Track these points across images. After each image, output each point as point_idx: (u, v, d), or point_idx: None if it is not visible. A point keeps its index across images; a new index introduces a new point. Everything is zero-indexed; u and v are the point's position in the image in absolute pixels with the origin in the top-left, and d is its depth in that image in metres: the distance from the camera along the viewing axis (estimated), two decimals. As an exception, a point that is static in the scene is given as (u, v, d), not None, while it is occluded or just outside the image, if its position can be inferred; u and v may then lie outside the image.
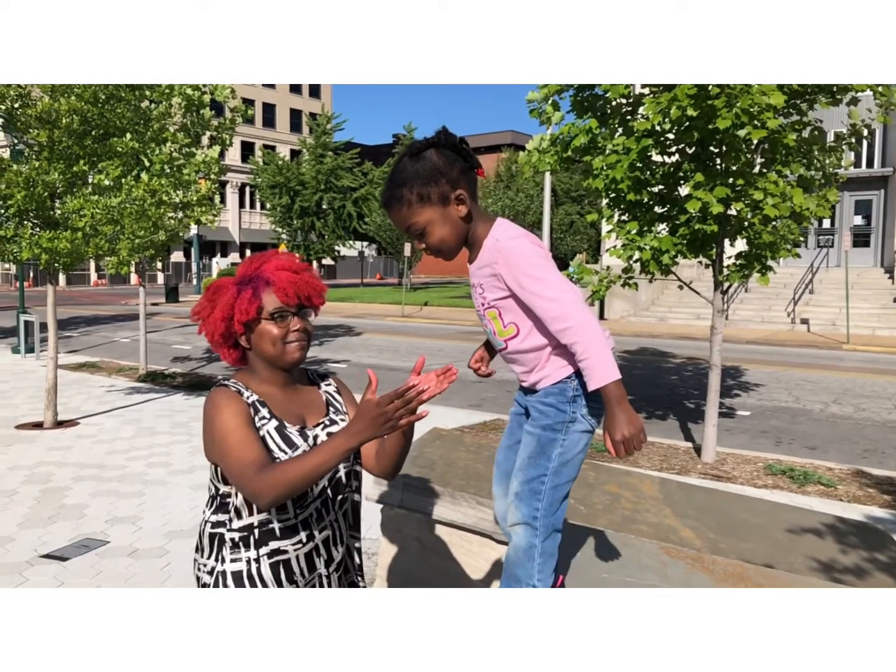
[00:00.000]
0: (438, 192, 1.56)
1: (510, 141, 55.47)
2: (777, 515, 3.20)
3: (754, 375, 11.53)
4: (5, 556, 4.16)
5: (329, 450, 1.42)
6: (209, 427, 1.58)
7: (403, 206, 1.57)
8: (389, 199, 1.59)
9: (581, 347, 1.55)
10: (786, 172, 5.58)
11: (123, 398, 9.11)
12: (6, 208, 6.93)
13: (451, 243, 1.62)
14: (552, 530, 1.73)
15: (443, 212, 1.57)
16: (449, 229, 1.59)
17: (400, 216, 1.59)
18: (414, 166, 1.56)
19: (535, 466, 1.70)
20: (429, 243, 1.61)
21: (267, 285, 1.63)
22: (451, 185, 1.57)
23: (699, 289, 6.79)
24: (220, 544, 1.61)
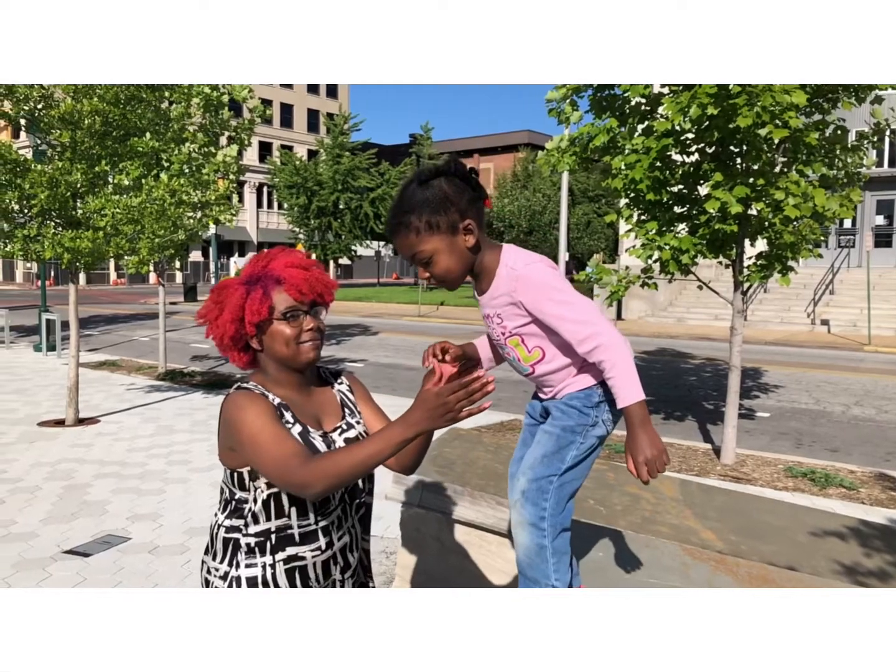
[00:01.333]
0: (447, 221, 1.55)
1: (527, 140, 55.35)
2: (799, 518, 3.17)
3: (774, 377, 11.43)
4: (29, 551, 4.22)
5: (384, 440, 1.37)
6: (235, 430, 1.51)
7: (411, 233, 1.55)
8: (397, 225, 1.57)
9: (609, 365, 1.56)
10: (807, 172, 5.53)
11: (143, 396, 9.19)
12: (30, 208, 7.02)
13: (456, 273, 1.61)
14: (560, 529, 1.71)
15: (450, 241, 1.57)
16: (456, 259, 1.59)
17: (406, 243, 1.57)
18: (423, 194, 1.55)
19: (548, 466, 1.69)
20: (434, 272, 1.59)
21: (277, 284, 1.58)
22: (459, 214, 1.56)
23: (718, 289, 6.74)
24: (235, 549, 1.57)
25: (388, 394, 9.28)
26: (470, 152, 59.97)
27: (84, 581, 3.82)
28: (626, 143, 5.81)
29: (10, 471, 5.82)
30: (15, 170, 6.80)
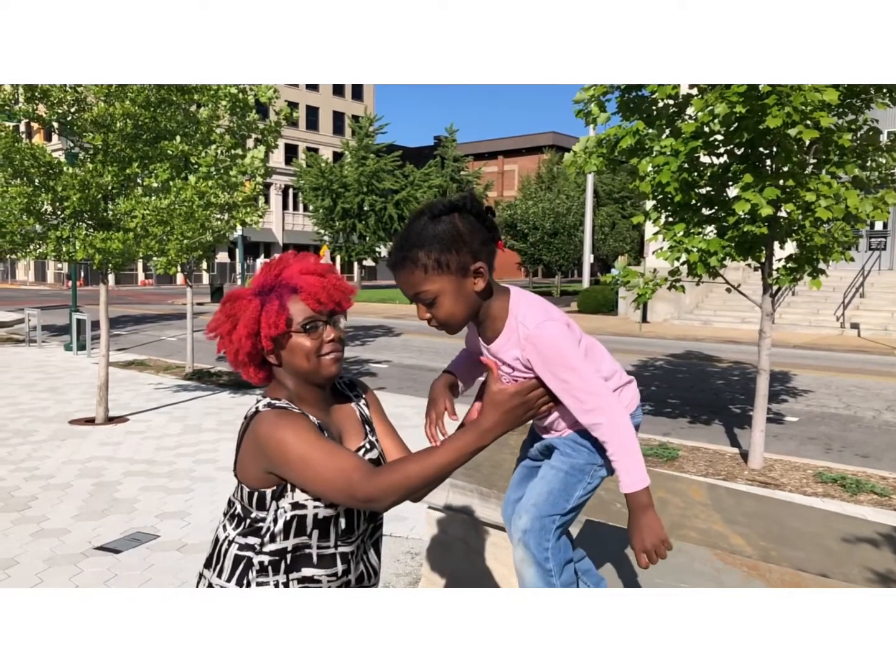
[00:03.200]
0: (458, 262, 1.42)
1: (551, 142, 55.20)
2: (830, 524, 3.12)
3: (802, 380, 11.27)
4: (61, 547, 4.29)
5: (456, 449, 1.30)
6: (279, 452, 1.39)
7: (417, 269, 1.42)
8: (402, 259, 1.43)
9: (613, 446, 1.47)
10: (840, 174, 5.44)
11: (171, 395, 9.31)
12: (63, 210, 7.15)
13: (460, 318, 1.48)
14: (564, 563, 1.63)
15: (459, 283, 1.43)
16: (462, 303, 1.45)
17: (411, 280, 1.43)
18: (434, 229, 1.41)
19: (553, 504, 1.59)
20: (437, 314, 1.45)
21: (293, 293, 1.48)
22: (472, 255, 1.43)
23: (746, 292, 6.67)
24: (247, 568, 1.47)
25: (412, 395, 9.30)
26: (494, 154, 59.94)
27: (115, 577, 3.88)
28: (654, 145, 5.77)
29: (42, 467, 5.93)
30: (49, 172, 6.94)
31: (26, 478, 5.64)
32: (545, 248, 33.13)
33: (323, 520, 1.47)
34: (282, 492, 1.45)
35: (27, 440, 6.85)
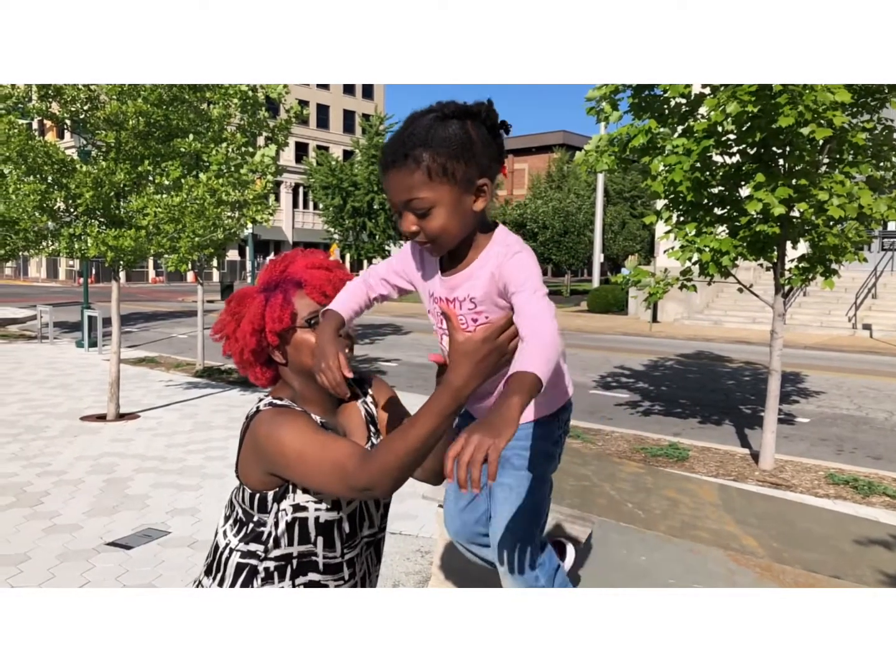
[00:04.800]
0: (464, 173, 1.24)
1: (561, 141, 55.09)
2: (842, 526, 3.11)
3: (813, 381, 11.20)
4: (73, 542, 4.32)
5: (436, 414, 1.20)
6: (277, 452, 1.35)
7: (418, 171, 1.22)
8: (402, 157, 1.23)
9: (534, 339, 1.18)
10: (853, 173, 5.41)
11: (181, 393, 9.35)
12: (75, 207, 7.19)
13: (452, 236, 1.29)
14: (554, 572, 1.53)
15: (459, 198, 1.25)
16: (458, 220, 1.27)
17: (408, 183, 1.24)
18: (445, 130, 1.24)
19: (527, 526, 1.45)
20: (428, 227, 1.26)
21: (298, 287, 1.44)
22: (479, 170, 1.27)
23: (757, 292, 6.63)
24: (251, 576, 1.43)
25: (422, 393, 9.31)
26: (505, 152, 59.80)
27: (126, 573, 3.90)
28: (667, 144, 5.75)
29: (54, 463, 5.97)
30: (62, 170, 6.98)
31: (38, 473, 5.68)
32: (555, 247, 33.08)
33: (325, 524, 1.44)
34: (283, 494, 1.42)
35: (39, 436, 6.89)
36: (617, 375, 11.73)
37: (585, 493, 2.98)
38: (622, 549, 2.09)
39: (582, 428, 7.57)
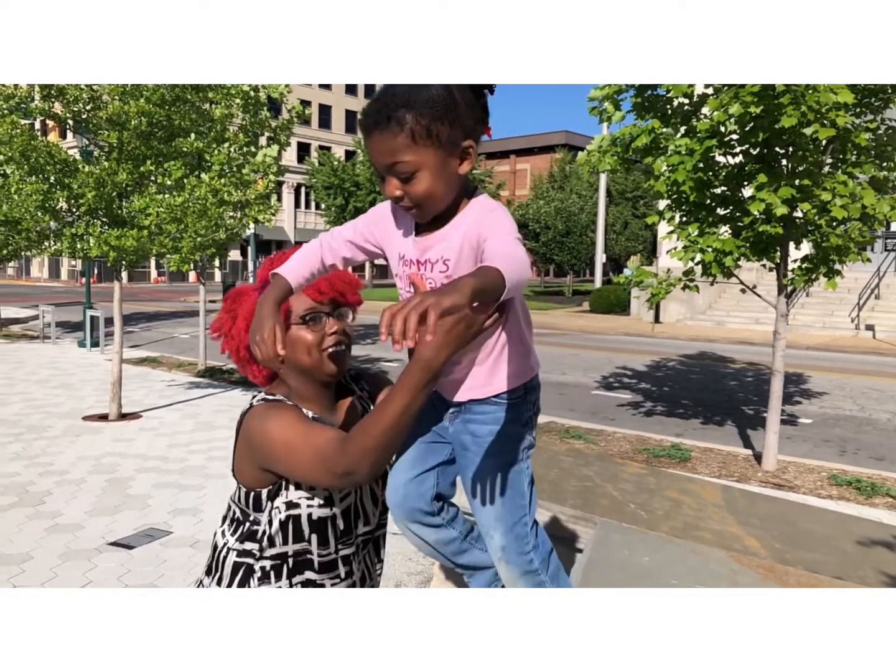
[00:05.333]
0: (449, 135, 1.20)
1: (564, 141, 55.07)
2: (845, 527, 3.10)
3: (816, 382, 11.19)
4: (76, 542, 4.32)
5: (408, 389, 1.18)
6: (266, 447, 1.35)
7: (402, 133, 1.18)
8: (386, 119, 1.19)
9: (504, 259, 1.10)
10: (857, 173, 5.40)
11: (183, 393, 9.35)
12: (78, 207, 7.20)
13: (438, 199, 1.24)
14: (548, 555, 1.48)
15: (445, 160, 1.21)
16: (444, 183, 1.22)
17: (391, 146, 1.19)
18: (428, 91, 1.21)
19: (512, 510, 1.39)
20: (412, 192, 1.21)
21: None
22: (464, 132, 1.23)
23: (759, 292, 6.62)
24: (247, 575, 1.43)
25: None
26: (506, 153, 59.85)
27: (128, 573, 3.90)
28: (670, 144, 5.74)
29: (56, 463, 5.97)
30: (64, 170, 6.98)
31: (41, 473, 5.69)
32: (557, 247, 33.08)
33: (319, 521, 1.43)
34: (277, 491, 1.41)
35: (42, 436, 6.90)
36: (619, 376, 11.72)
37: (588, 494, 2.98)
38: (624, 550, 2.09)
39: (584, 428, 7.56)
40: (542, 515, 2.81)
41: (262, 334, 1.27)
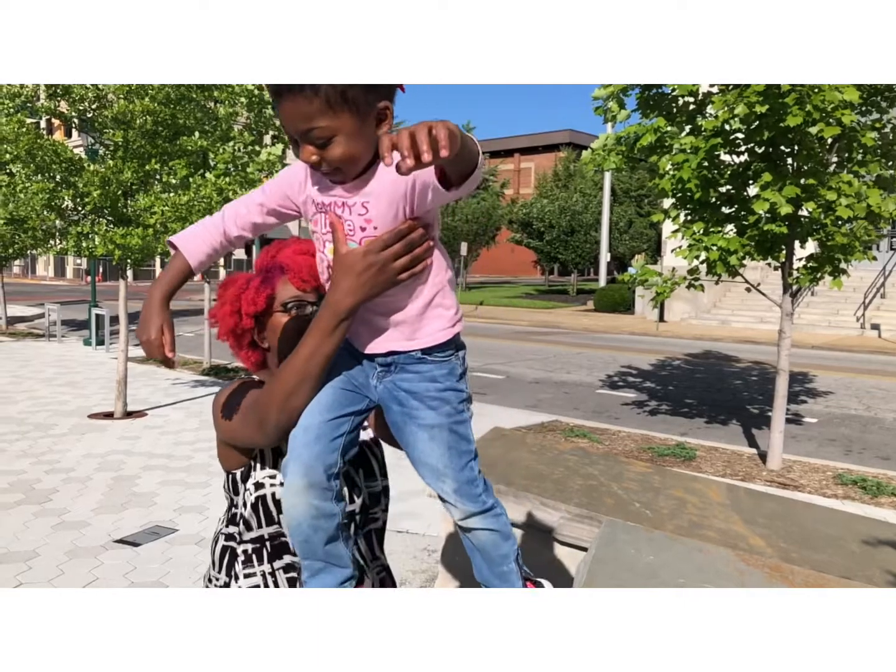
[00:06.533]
0: (364, 98, 1.18)
1: (568, 140, 54.99)
2: (851, 526, 3.10)
3: (821, 382, 11.16)
4: (82, 539, 4.34)
5: (314, 332, 1.19)
6: (217, 413, 1.38)
7: (316, 99, 1.15)
8: (298, 84, 1.17)
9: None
10: (862, 172, 5.39)
11: (188, 391, 9.37)
12: (83, 205, 7.22)
13: (356, 163, 1.19)
14: (491, 490, 1.43)
15: (362, 123, 1.18)
16: (361, 146, 1.18)
17: (305, 112, 1.16)
18: None
19: (459, 456, 1.35)
20: (330, 156, 1.17)
21: (282, 272, 1.43)
22: (379, 94, 1.20)
23: (764, 291, 6.61)
24: (233, 559, 1.45)
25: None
26: (511, 151, 59.82)
27: (134, 570, 3.91)
28: (675, 142, 5.74)
29: (62, 461, 5.99)
30: (70, 168, 7.00)
31: (47, 471, 5.71)
32: (561, 246, 33.04)
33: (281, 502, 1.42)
34: (248, 473, 1.43)
35: (47, 433, 6.92)
36: (624, 375, 11.71)
37: (592, 493, 2.98)
38: (630, 549, 2.09)
39: (589, 427, 7.56)
40: (548, 514, 2.81)
41: (149, 334, 1.18)
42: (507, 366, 12.52)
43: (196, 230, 1.27)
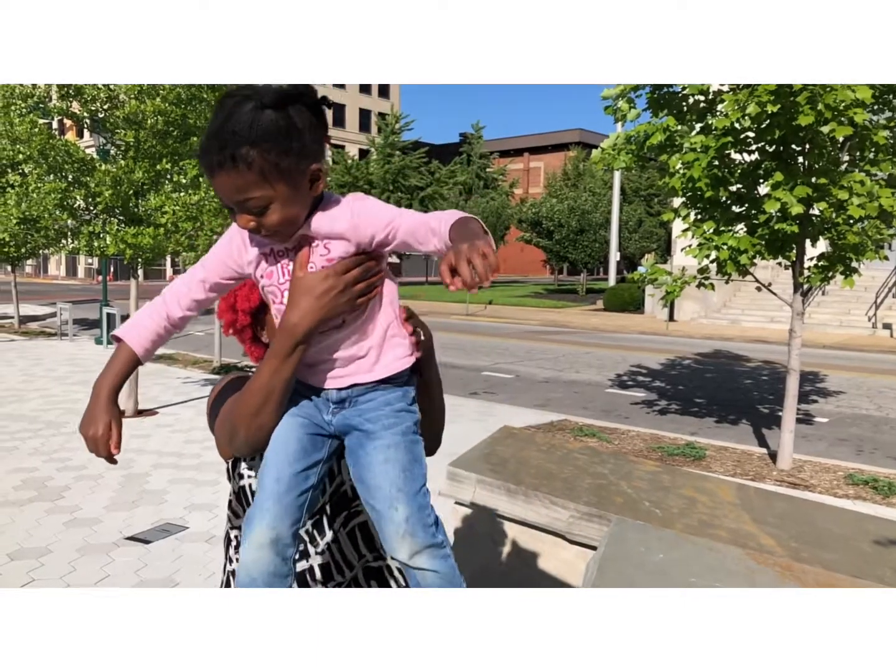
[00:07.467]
0: (297, 165, 1.17)
1: (578, 139, 54.88)
2: (862, 526, 3.08)
3: (832, 381, 11.09)
4: (94, 536, 4.37)
5: (271, 356, 1.20)
6: (206, 408, 1.41)
7: (250, 172, 1.13)
8: (230, 158, 1.12)
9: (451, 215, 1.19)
10: (874, 171, 5.35)
11: (199, 389, 9.41)
12: (95, 205, 7.27)
13: (294, 223, 1.21)
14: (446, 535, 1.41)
15: (295, 190, 1.18)
16: (297, 208, 1.19)
17: (237, 185, 1.14)
18: (270, 124, 1.13)
19: (413, 479, 1.34)
20: (267, 223, 1.18)
21: None
22: (311, 157, 1.19)
23: (775, 290, 6.58)
24: (227, 544, 1.50)
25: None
26: (520, 151, 59.74)
27: (145, 567, 3.94)
28: (685, 141, 5.72)
29: (74, 458, 6.03)
30: (82, 168, 7.05)
31: (59, 468, 5.75)
32: (571, 245, 32.97)
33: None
34: (235, 462, 1.45)
35: (60, 431, 6.97)
36: (633, 374, 11.68)
37: (602, 492, 2.98)
38: (640, 547, 2.09)
39: (598, 426, 7.55)
40: (557, 512, 2.81)
41: (97, 430, 1.18)
42: (516, 365, 12.52)
43: (138, 320, 1.28)
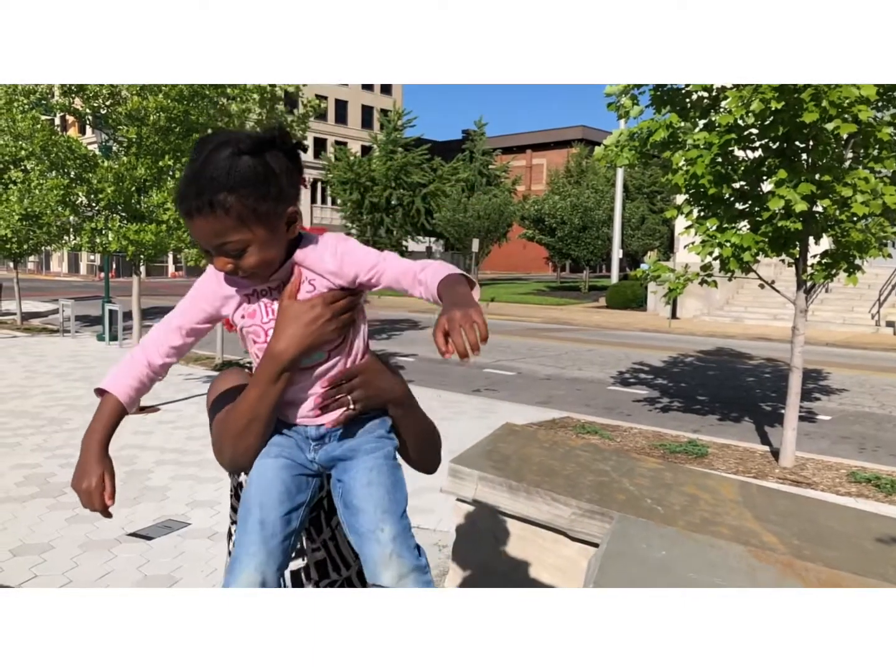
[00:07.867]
0: (274, 209, 1.21)
1: (580, 136, 54.79)
2: (865, 524, 3.07)
3: (835, 379, 11.08)
4: (96, 532, 4.38)
5: (256, 381, 1.22)
6: (207, 405, 1.41)
7: (227, 218, 1.17)
8: (208, 204, 1.16)
9: (441, 268, 1.27)
10: (878, 168, 5.33)
11: (200, 386, 9.42)
12: (97, 202, 7.27)
13: (272, 265, 1.25)
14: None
15: (273, 232, 1.22)
16: (274, 250, 1.24)
17: (215, 230, 1.18)
18: (244, 168, 1.18)
19: (397, 502, 1.37)
20: (245, 265, 1.22)
21: None
22: (287, 201, 1.24)
23: (778, 288, 6.56)
24: (228, 538, 1.51)
25: (438, 388, 9.31)
26: (523, 148, 59.68)
27: (147, 563, 3.94)
28: (688, 138, 5.70)
29: (76, 455, 6.01)
30: (84, 165, 7.05)
31: (61, 465, 5.76)
32: (573, 242, 32.94)
33: None
34: None
35: (62, 428, 6.98)
36: (636, 372, 11.67)
37: (604, 489, 2.97)
38: (642, 544, 2.08)
39: (600, 424, 7.54)
40: (559, 509, 2.81)
41: (90, 483, 1.20)
42: (518, 362, 12.51)
43: (120, 370, 1.32)
